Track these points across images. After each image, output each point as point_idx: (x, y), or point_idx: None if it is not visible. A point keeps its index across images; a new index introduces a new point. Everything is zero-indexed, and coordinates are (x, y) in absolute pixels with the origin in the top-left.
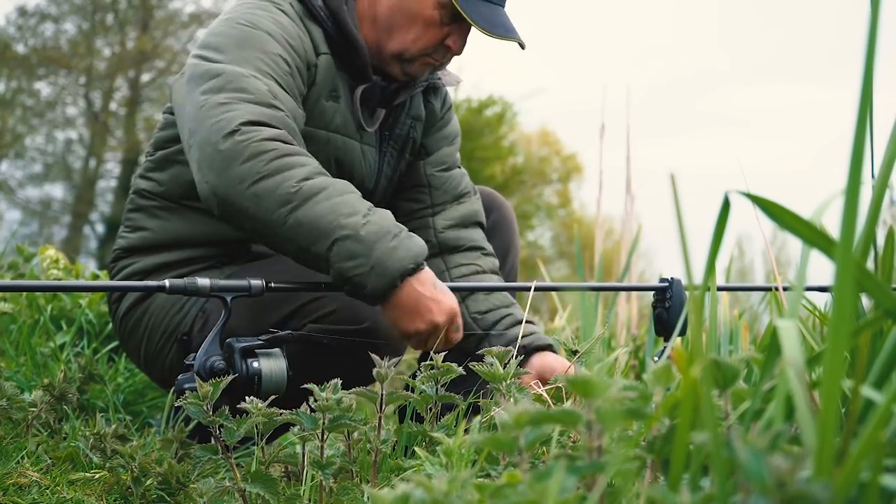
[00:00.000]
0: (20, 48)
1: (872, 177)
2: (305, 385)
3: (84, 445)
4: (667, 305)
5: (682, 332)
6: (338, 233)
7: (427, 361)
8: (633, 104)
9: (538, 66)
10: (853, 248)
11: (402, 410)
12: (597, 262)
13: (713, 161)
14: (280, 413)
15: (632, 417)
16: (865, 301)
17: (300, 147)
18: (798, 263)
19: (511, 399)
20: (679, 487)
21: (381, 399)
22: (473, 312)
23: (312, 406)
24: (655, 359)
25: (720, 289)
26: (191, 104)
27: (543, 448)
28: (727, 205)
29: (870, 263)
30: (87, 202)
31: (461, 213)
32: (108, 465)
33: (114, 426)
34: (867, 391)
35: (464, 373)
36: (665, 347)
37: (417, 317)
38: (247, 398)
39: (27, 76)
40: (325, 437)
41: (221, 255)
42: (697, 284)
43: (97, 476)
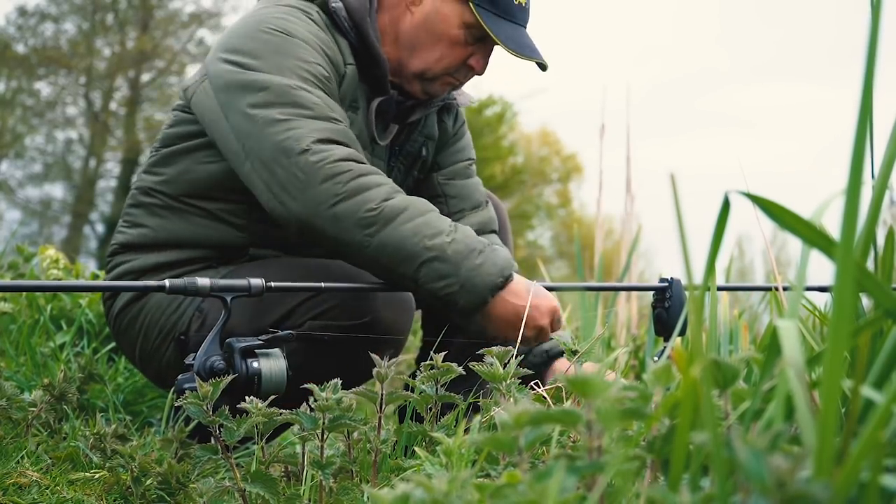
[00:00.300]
0: (20, 48)
1: (872, 177)
2: (305, 385)
3: (84, 445)
4: (666, 305)
5: (682, 332)
6: (424, 255)
7: (427, 361)
8: (633, 104)
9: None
10: (853, 248)
11: (402, 410)
12: (597, 262)
13: (713, 161)
14: (280, 413)
15: (632, 417)
16: (865, 301)
17: (369, 163)
18: (798, 263)
19: (511, 399)
20: (679, 487)
21: (381, 399)
22: None
23: (312, 406)
24: (655, 358)
25: (720, 289)
26: (238, 116)
27: (543, 448)
28: (727, 205)
29: (870, 263)
30: (87, 202)
31: (478, 221)
32: (108, 465)
33: (114, 426)
34: (867, 391)
35: (464, 373)
36: (665, 347)
37: (521, 326)
38: (247, 398)
39: (27, 76)
40: (325, 437)
41: (219, 257)
42: (697, 284)
43: (97, 476)
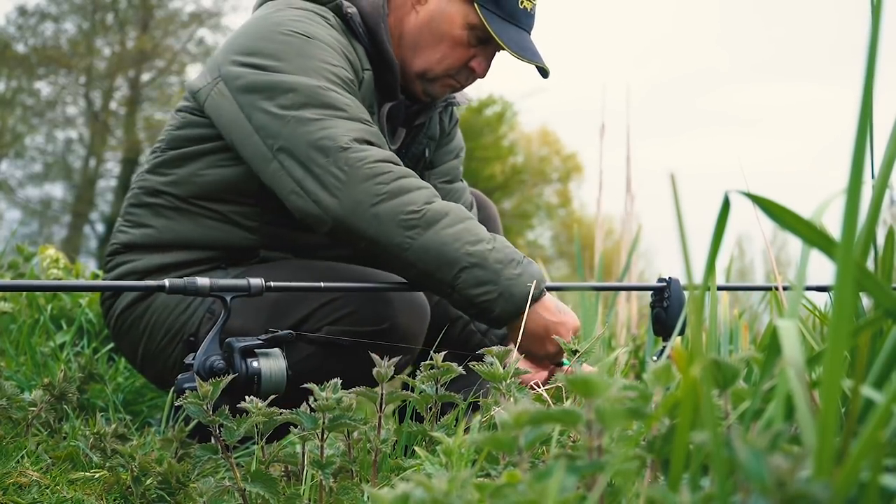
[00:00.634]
0: (20, 48)
1: (872, 177)
2: (305, 385)
3: (84, 445)
4: (665, 305)
5: (682, 332)
6: (465, 261)
7: (427, 361)
8: (633, 104)
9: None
10: (853, 248)
11: (402, 410)
12: (597, 262)
13: (713, 161)
14: (280, 413)
15: (632, 417)
16: (865, 301)
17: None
18: (798, 263)
19: (511, 398)
20: (679, 487)
21: (381, 398)
22: None
23: (312, 405)
24: (654, 358)
25: (720, 288)
26: (265, 117)
27: (543, 448)
28: (727, 204)
29: (870, 263)
30: (87, 202)
31: None
32: (108, 465)
33: (114, 426)
34: (867, 391)
35: (464, 372)
36: (664, 347)
37: (549, 341)
38: (247, 398)
39: (27, 76)
40: (325, 437)
41: (227, 258)
42: (697, 284)
43: (97, 475)
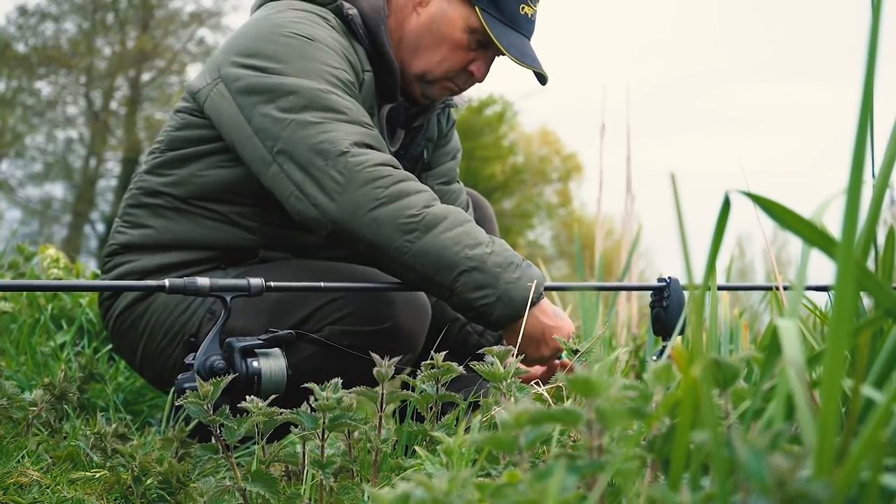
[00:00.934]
0: (20, 47)
1: (873, 176)
2: (305, 385)
3: (84, 445)
4: (664, 305)
5: (682, 332)
6: (465, 264)
7: (427, 361)
8: (633, 104)
9: None
10: (854, 248)
11: (403, 410)
12: (597, 262)
13: (713, 160)
14: (280, 412)
15: (632, 417)
16: (865, 300)
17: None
18: (798, 263)
19: (511, 398)
20: (679, 487)
21: (382, 398)
22: None
23: (313, 405)
24: (654, 358)
25: (720, 288)
26: (265, 120)
27: (544, 447)
28: (727, 204)
29: (870, 263)
30: (88, 201)
31: None
32: (109, 465)
33: (114, 425)
34: (867, 391)
35: (464, 372)
36: (664, 347)
37: (543, 345)
38: (247, 398)
39: (27, 75)
40: (326, 437)
41: (227, 259)
42: (698, 284)
43: (98, 475)
